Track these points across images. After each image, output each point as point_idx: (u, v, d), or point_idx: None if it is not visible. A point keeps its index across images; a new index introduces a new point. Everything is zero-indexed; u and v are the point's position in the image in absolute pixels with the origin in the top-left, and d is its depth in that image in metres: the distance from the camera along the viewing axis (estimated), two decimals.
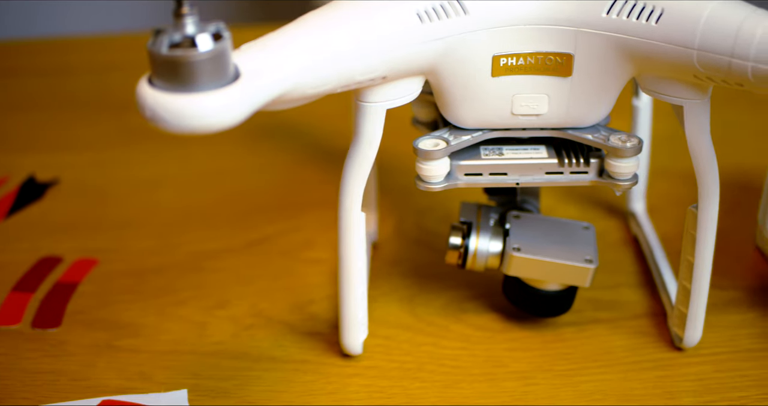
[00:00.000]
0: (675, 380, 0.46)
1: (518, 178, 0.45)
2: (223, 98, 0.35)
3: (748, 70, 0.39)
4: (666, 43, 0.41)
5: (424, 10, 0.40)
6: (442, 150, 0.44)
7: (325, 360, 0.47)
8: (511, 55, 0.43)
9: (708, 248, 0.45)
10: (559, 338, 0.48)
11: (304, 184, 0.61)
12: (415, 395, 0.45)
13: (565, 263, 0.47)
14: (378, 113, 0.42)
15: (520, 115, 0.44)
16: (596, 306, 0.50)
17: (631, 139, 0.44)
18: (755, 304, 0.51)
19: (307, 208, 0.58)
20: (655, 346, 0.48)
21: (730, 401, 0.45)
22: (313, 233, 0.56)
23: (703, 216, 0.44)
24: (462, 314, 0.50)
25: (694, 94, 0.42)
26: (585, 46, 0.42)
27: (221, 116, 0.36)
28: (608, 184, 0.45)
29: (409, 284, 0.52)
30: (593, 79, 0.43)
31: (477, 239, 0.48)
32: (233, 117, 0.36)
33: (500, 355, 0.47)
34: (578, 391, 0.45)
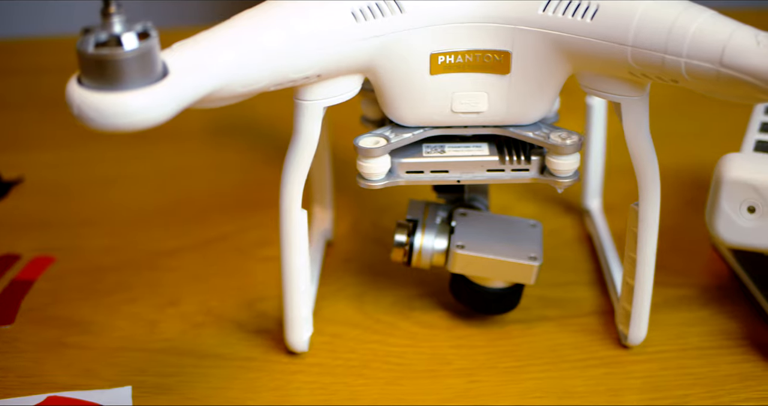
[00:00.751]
0: (620, 378, 0.46)
1: (459, 176, 0.45)
2: (148, 96, 0.36)
3: (682, 67, 0.39)
4: (601, 40, 0.41)
5: (359, 8, 0.41)
6: (382, 148, 0.44)
7: (270, 357, 0.47)
8: (449, 53, 0.43)
9: (650, 245, 0.45)
10: (506, 335, 0.49)
11: (264, 183, 0.61)
12: (358, 392, 0.45)
13: (509, 260, 0.47)
14: (315, 111, 0.42)
15: (460, 113, 0.44)
16: (545, 304, 0.51)
17: (572, 136, 0.44)
18: (708, 302, 0.51)
19: (266, 206, 0.58)
20: (601, 344, 0.48)
21: (674, 400, 0.45)
22: (269, 232, 0.56)
23: (644, 213, 0.44)
24: (410, 311, 0.50)
25: (632, 91, 0.42)
26: (522, 43, 0.42)
27: (146, 114, 0.36)
28: (549, 181, 0.45)
29: (361, 281, 0.52)
30: (531, 76, 0.43)
31: (422, 237, 0.48)
32: (158, 115, 0.36)
33: (445, 352, 0.47)
34: (521, 388, 0.45)
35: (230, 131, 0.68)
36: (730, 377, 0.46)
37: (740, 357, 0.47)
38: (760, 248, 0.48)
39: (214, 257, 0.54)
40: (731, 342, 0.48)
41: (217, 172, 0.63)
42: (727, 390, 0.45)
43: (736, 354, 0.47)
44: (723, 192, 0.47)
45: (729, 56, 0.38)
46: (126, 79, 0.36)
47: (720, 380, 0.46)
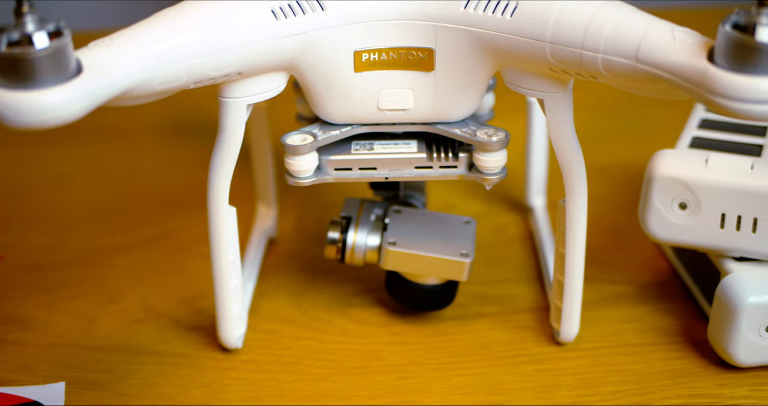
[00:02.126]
0: (550, 375, 0.46)
1: (387, 173, 0.45)
2: (59, 94, 0.36)
3: (599, 63, 0.39)
4: (520, 37, 0.41)
5: (279, 6, 0.41)
6: (309, 145, 0.44)
7: (204, 354, 0.47)
8: (373, 50, 0.43)
9: (578, 241, 0.45)
10: (440, 332, 0.49)
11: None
12: (287, 389, 0.45)
13: (441, 257, 0.47)
14: (239, 109, 0.43)
15: (386, 110, 0.44)
16: (482, 301, 0.51)
17: (498, 133, 0.44)
18: (647, 299, 0.51)
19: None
20: (535, 340, 0.48)
21: (603, 396, 0.45)
22: None
23: (572, 209, 0.44)
24: (347, 308, 0.50)
25: (554, 88, 0.42)
26: (445, 40, 0.42)
27: (58, 112, 0.36)
28: (477, 178, 0.45)
29: (300, 279, 0.52)
30: (456, 73, 0.43)
31: (355, 234, 0.48)
32: (71, 113, 0.36)
33: (378, 349, 0.48)
34: (449, 384, 0.45)
35: (182, 130, 0.68)
36: (662, 374, 0.46)
37: (674, 354, 0.47)
38: (692, 244, 0.48)
39: (156, 255, 0.55)
40: (667, 339, 0.48)
41: (166, 171, 0.63)
42: (657, 387, 0.45)
43: (670, 351, 0.47)
44: (654, 189, 0.47)
45: (644, 52, 0.38)
46: (38, 77, 0.36)
47: (652, 376, 0.46)
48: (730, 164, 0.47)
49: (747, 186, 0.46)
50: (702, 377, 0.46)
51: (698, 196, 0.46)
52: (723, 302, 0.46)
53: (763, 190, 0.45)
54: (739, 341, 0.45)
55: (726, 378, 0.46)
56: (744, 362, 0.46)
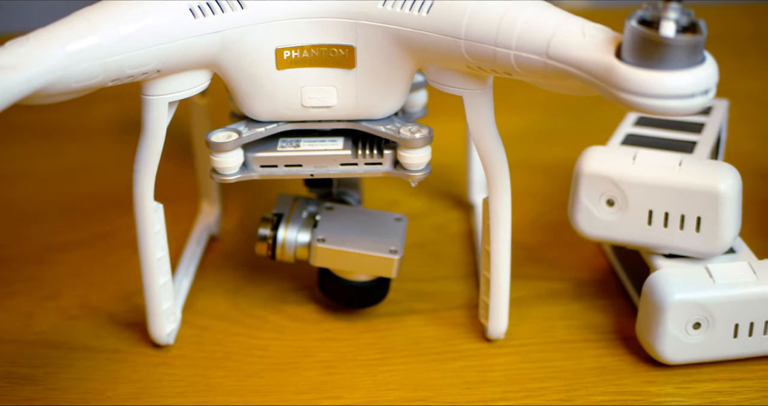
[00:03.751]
0: (478, 371, 0.46)
1: (313, 170, 0.45)
2: None
3: (512, 59, 0.40)
4: (436, 34, 0.41)
5: (197, 5, 0.41)
6: (233, 142, 0.44)
7: (136, 350, 0.48)
8: (294, 47, 0.43)
9: (503, 238, 0.45)
10: (373, 328, 0.49)
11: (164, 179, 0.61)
12: (215, 384, 0.45)
13: (369, 253, 0.47)
14: (160, 106, 0.43)
15: (310, 108, 0.44)
16: (417, 297, 0.51)
17: (421, 130, 0.44)
18: (582, 296, 0.51)
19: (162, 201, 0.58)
20: (465, 337, 0.48)
21: (528, 392, 0.45)
22: None
23: (495, 206, 0.45)
24: (282, 305, 0.50)
25: (473, 85, 0.42)
26: (365, 38, 0.43)
27: None
28: (402, 175, 0.45)
29: (239, 276, 0.53)
30: (377, 70, 0.43)
31: (285, 231, 0.48)
32: None
33: (309, 345, 0.48)
34: (376, 380, 0.45)
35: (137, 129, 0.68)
36: (590, 371, 0.46)
37: (604, 351, 0.47)
38: (620, 241, 0.48)
39: (100, 252, 0.55)
40: (598, 336, 0.48)
41: (119, 169, 0.63)
42: (584, 383, 0.45)
43: (600, 348, 0.47)
44: (581, 185, 0.47)
45: (554, 48, 0.39)
46: None
47: (579, 373, 0.46)
48: (657, 161, 0.47)
49: (673, 182, 0.46)
50: (630, 375, 0.46)
51: (625, 192, 0.46)
52: (649, 299, 0.45)
53: (689, 187, 0.45)
54: (666, 338, 0.45)
55: (654, 376, 0.46)
56: (671, 360, 0.46)
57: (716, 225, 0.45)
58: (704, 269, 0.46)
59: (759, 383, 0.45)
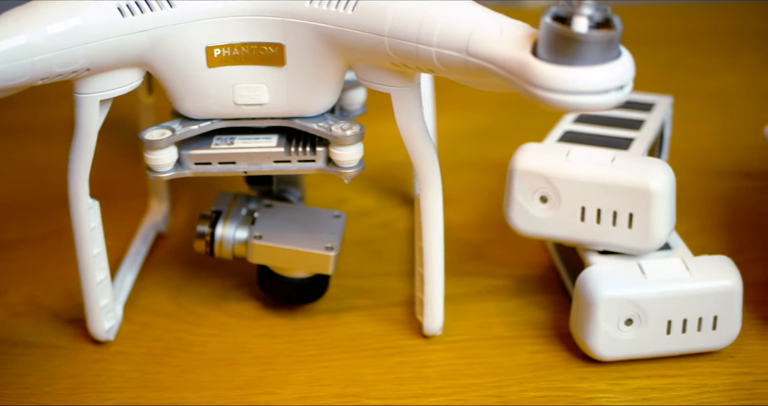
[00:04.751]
0: (412, 367, 0.46)
1: (246, 167, 0.46)
2: None
3: (433, 56, 0.40)
4: (361, 31, 0.41)
5: (126, 4, 0.41)
6: (166, 139, 0.44)
7: (77, 346, 0.48)
8: (224, 45, 0.43)
9: (435, 234, 0.45)
10: (311, 325, 0.49)
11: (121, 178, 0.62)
12: (151, 380, 0.46)
13: (305, 250, 0.47)
14: (92, 104, 0.43)
15: (243, 105, 0.45)
16: (357, 294, 0.51)
17: (353, 127, 0.45)
18: (521, 293, 0.51)
19: (115, 199, 0.58)
20: (403, 333, 0.48)
21: (460, 388, 0.45)
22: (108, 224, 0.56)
23: (426, 203, 0.45)
24: (224, 302, 0.51)
25: (400, 82, 0.43)
26: (294, 36, 0.43)
27: None
28: (335, 172, 0.45)
29: (183, 273, 0.53)
30: (307, 68, 0.44)
31: (223, 228, 0.49)
32: None
33: (248, 341, 0.48)
34: (310, 376, 0.46)
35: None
36: (524, 367, 0.46)
37: (540, 347, 0.47)
38: (554, 238, 0.48)
39: (50, 249, 0.55)
40: (535, 332, 0.48)
41: None
42: (517, 380, 0.45)
43: (536, 344, 0.48)
44: (515, 182, 0.48)
45: (474, 45, 0.39)
46: None
47: (513, 369, 0.46)
48: (590, 157, 0.47)
49: (605, 179, 0.46)
50: (563, 371, 0.46)
51: (558, 189, 0.47)
52: (581, 295, 0.46)
53: (620, 183, 0.45)
54: (598, 334, 0.45)
55: (587, 372, 0.46)
56: (604, 356, 0.46)
57: (648, 222, 0.46)
58: (637, 266, 0.46)
59: (693, 380, 0.46)
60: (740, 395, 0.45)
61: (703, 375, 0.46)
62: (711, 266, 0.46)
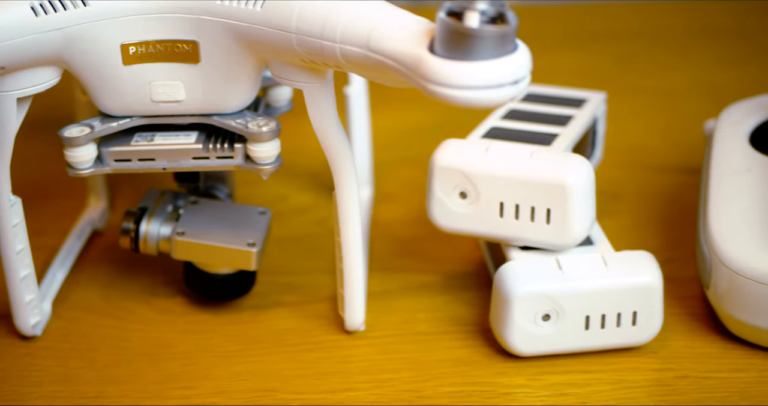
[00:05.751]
0: (332, 362, 0.47)
1: (166, 164, 0.46)
2: None
3: (337, 52, 0.40)
4: (270, 28, 0.42)
5: (39, 3, 0.42)
6: (85, 137, 0.45)
7: (5, 341, 0.48)
8: (139, 43, 0.44)
9: (352, 230, 0.46)
10: (236, 320, 0.49)
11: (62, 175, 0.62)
12: (73, 374, 0.46)
13: (227, 246, 0.48)
14: (9, 102, 0.43)
15: (160, 102, 0.45)
16: (286, 290, 0.51)
17: (269, 123, 0.45)
18: (449, 289, 0.51)
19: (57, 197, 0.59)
20: (327, 329, 0.48)
21: (378, 383, 0.45)
22: (48, 221, 0.57)
23: (342, 198, 0.45)
24: (153, 298, 0.51)
25: (312, 78, 0.43)
26: (207, 33, 0.43)
27: None
28: (253, 168, 0.45)
29: (115, 269, 0.53)
30: (221, 65, 0.44)
31: (147, 224, 0.49)
32: None
33: (172, 337, 0.49)
34: (230, 371, 0.46)
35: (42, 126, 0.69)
36: (443, 362, 0.46)
37: (461, 343, 0.47)
38: (474, 233, 0.48)
39: None
40: (458, 328, 0.48)
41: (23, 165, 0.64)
42: (434, 375, 0.46)
43: (458, 340, 0.48)
44: (435, 178, 0.48)
45: (374, 41, 0.39)
46: None
47: (432, 364, 0.46)
48: (509, 153, 0.47)
49: (522, 175, 0.46)
50: (482, 366, 0.46)
51: (476, 185, 0.47)
52: (498, 290, 0.46)
53: (537, 179, 0.45)
54: (515, 330, 0.45)
55: (507, 367, 0.46)
56: (521, 351, 0.46)
57: (566, 217, 0.45)
58: (554, 261, 0.46)
59: (611, 376, 0.46)
60: (659, 391, 0.45)
61: (624, 371, 0.46)
62: (630, 262, 0.46)
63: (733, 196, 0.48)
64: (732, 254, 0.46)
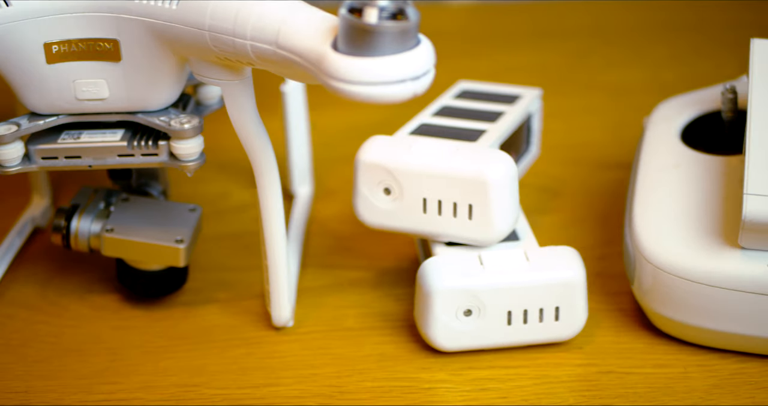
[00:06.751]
0: (258, 358, 0.47)
1: (92, 162, 0.46)
2: None
3: (248, 49, 0.41)
4: (185, 26, 0.42)
5: None
6: (11, 134, 0.45)
7: None
8: (62, 42, 0.44)
9: (274, 227, 0.46)
10: (167, 316, 0.50)
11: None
12: (3, 370, 0.47)
13: (155, 243, 0.48)
14: None
15: (85, 100, 0.45)
16: (219, 287, 0.52)
17: (192, 121, 0.45)
18: (380, 285, 0.51)
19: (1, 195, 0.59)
20: (256, 325, 0.49)
21: (300, 378, 0.46)
22: None
23: (264, 196, 0.45)
24: (87, 294, 0.52)
25: (229, 76, 0.43)
26: (126, 31, 0.44)
27: None
28: (177, 165, 0.46)
29: (53, 266, 0.54)
30: (143, 63, 0.44)
31: (78, 221, 0.49)
32: None
33: (103, 332, 0.49)
34: (157, 367, 0.46)
35: None
36: (368, 358, 0.47)
37: (388, 338, 0.48)
38: (399, 229, 0.48)
39: None
40: (386, 324, 0.48)
41: None
42: (358, 370, 0.46)
43: (385, 335, 0.48)
44: (359, 174, 0.48)
45: (282, 37, 0.40)
46: None
47: (356, 360, 0.46)
48: (432, 149, 0.47)
49: (444, 170, 0.46)
50: (406, 361, 0.46)
51: (400, 181, 0.47)
52: (420, 286, 0.46)
53: (459, 175, 0.45)
54: (437, 325, 0.45)
55: (430, 363, 0.46)
56: (444, 347, 0.46)
57: (487, 213, 0.46)
58: (476, 257, 0.46)
59: (534, 371, 0.46)
60: (581, 386, 0.45)
61: (547, 366, 0.46)
62: (552, 257, 0.46)
63: (659, 191, 0.49)
64: (655, 249, 0.46)
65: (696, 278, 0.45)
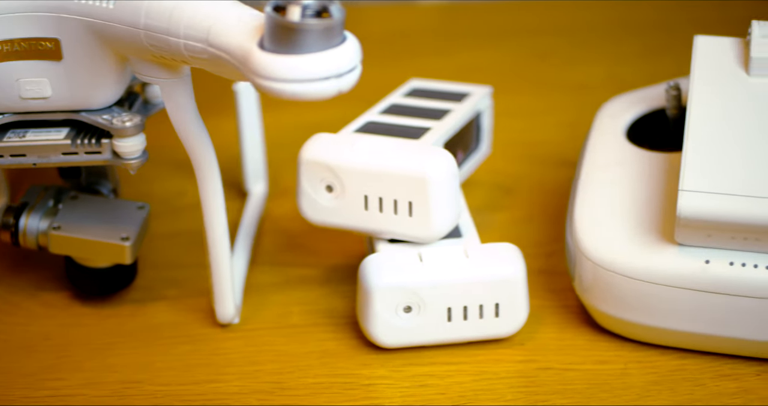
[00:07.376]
0: (202, 355, 0.47)
1: (36, 160, 0.47)
2: None
3: (182, 47, 0.41)
4: (121, 25, 0.43)
5: None
6: None
7: None
8: (3, 41, 0.45)
9: (217, 224, 0.46)
10: (116, 314, 0.50)
11: None
12: None
13: (101, 240, 0.48)
14: None
15: (29, 99, 0.46)
16: (169, 284, 0.52)
17: (133, 119, 0.46)
18: (328, 282, 0.52)
19: None
20: (203, 322, 0.49)
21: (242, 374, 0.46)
22: None
23: (205, 194, 0.46)
24: (39, 292, 0.52)
25: (167, 74, 0.43)
26: (67, 30, 0.44)
27: None
28: (120, 163, 0.46)
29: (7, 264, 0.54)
30: (84, 62, 0.45)
31: (27, 219, 0.50)
32: None
33: (52, 330, 0.49)
34: (103, 364, 0.47)
35: None
36: (310, 354, 0.47)
37: (331, 335, 0.48)
38: (341, 227, 0.48)
39: None
40: (330, 320, 0.49)
41: None
42: (299, 366, 0.46)
43: (329, 332, 0.48)
44: (302, 172, 0.48)
45: (213, 35, 0.40)
46: None
47: (299, 357, 0.47)
48: (374, 147, 0.47)
49: (384, 168, 0.46)
50: (347, 358, 0.47)
51: (341, 178, 0.47)
52: (361, 283, 0.46)
53: (398, 172, 0.46)
54: (377, 321, 0.46)
55: (372, 359, 0.46)
56: (384, 343, 0.46)
57: (427, 210, 0.46)
58: (416, 254, 0.46)
59: (474, 367, 0.46)
60: (519, 382, 0.45)
61: (487, 362, 0.46)
62: (492, 254, 0.46)
63: (600, 189, 0.49)
64: (594, 246, 0.46)
65: (634, 275, 0.45)
